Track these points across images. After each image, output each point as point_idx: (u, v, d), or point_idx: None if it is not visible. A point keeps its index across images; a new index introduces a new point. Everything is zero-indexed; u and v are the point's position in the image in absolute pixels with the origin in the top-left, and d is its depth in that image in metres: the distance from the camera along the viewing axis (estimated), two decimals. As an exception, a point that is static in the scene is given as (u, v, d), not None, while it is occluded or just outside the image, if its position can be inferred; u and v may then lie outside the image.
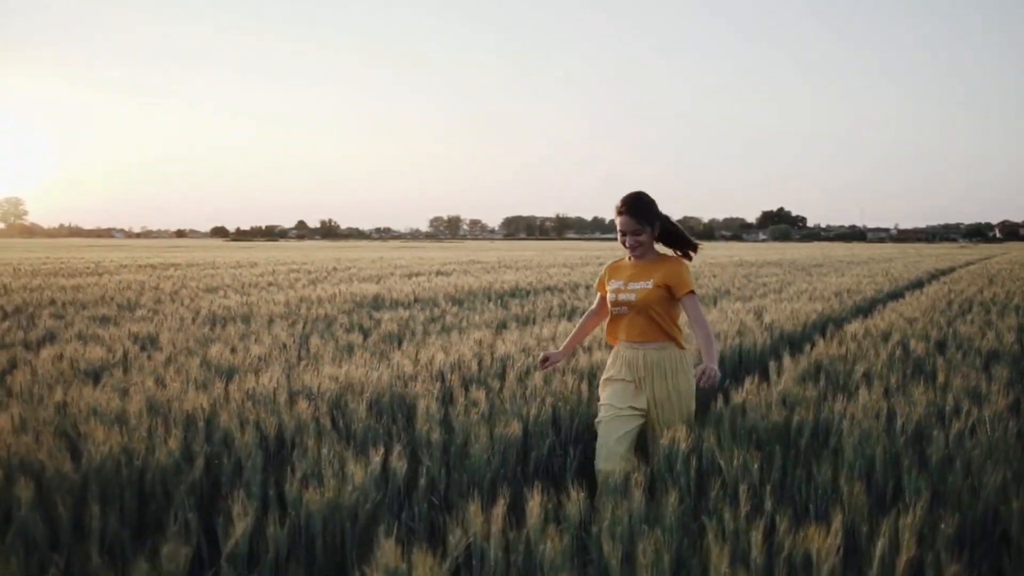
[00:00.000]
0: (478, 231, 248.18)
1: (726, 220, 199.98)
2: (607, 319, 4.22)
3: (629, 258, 4.15)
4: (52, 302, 11.12)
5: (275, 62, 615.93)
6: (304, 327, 8.47)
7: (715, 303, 11.58)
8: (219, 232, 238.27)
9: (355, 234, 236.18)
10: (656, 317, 3.97)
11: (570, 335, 4.49)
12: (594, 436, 4.15)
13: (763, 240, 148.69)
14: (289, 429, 4.13)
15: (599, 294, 4.39)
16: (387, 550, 2.45)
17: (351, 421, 4.29)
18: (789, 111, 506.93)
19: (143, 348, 7.19)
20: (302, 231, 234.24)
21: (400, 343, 7.52)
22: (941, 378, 5.50)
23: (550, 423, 4.52)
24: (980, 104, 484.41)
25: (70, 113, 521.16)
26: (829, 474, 3.53)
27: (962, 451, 3.85)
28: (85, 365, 6.18)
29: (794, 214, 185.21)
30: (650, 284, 3.97)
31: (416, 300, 11.15)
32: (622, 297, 4.03)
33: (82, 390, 4.96)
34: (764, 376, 5.84)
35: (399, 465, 3.53)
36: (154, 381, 5.23)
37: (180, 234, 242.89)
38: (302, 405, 4.32)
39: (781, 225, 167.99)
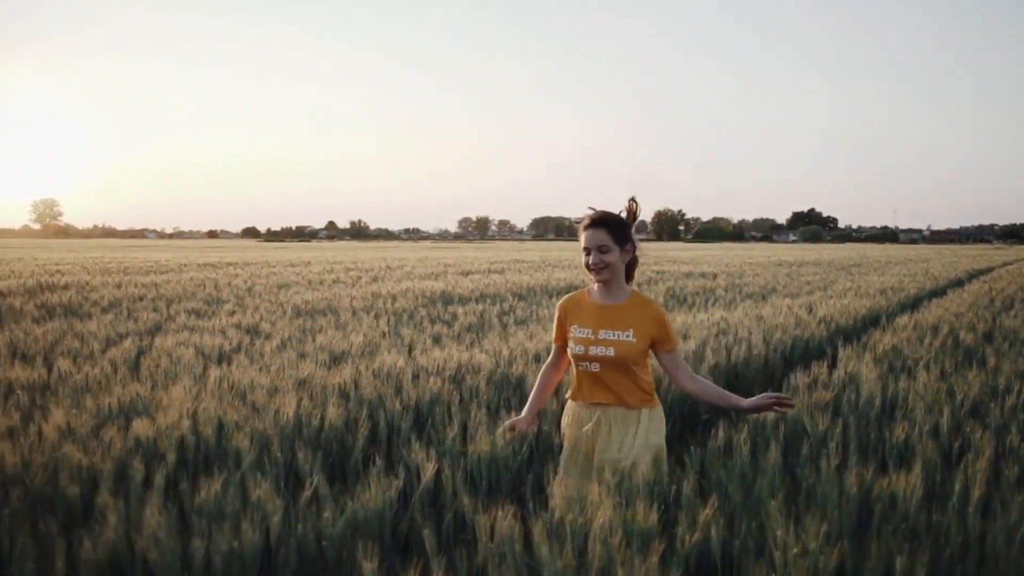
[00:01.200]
0: (506, 232, 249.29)
1: (756, 221, 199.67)
2: (565, 367, 3.57)
3: (589, 291, 3.42)
4: (140, 298, 11.88)
5: (305, 64, 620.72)
6: (389, 319, 9.14)
7: (764, 299, 12.14)
8: (250, 232, 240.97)
9: (384, 234, 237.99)
10: (632, 375, 3.26)
11: (530, 397, 3.63)
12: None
13: (793, 241, 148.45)
14: (424, 400, 4.77)
15: (555, 344, 3.53)
16: (558, 485, 3.07)
17: (476, 393, 4.92)
18: (819, 110, 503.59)
19: (252, 337, 7.87)
20: (332, 231, 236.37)
21: (481, 333, 8.17)
22: (992, 363, 6.06)
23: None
24: (1017, 103, 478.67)
25: (102, 115, 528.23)
26: (902, 436, 4.12)
27: (1016, 420, 4.43)
28: (208, 351, 6.87)
29: (825, 215, 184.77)
30: (631, 335, 3.22)
31: (483, 296, 11.82)
32: (594, 351, 3.25)
33: (226, 369, 5.65)
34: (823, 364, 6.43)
35: (529, 428, 4.17)
36: (285, 363, 5.91)
37: (212, 235, 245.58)
38: (431, 381, 4.97)
39: (812, 226, 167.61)
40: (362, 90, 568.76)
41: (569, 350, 3.35)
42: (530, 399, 3.62)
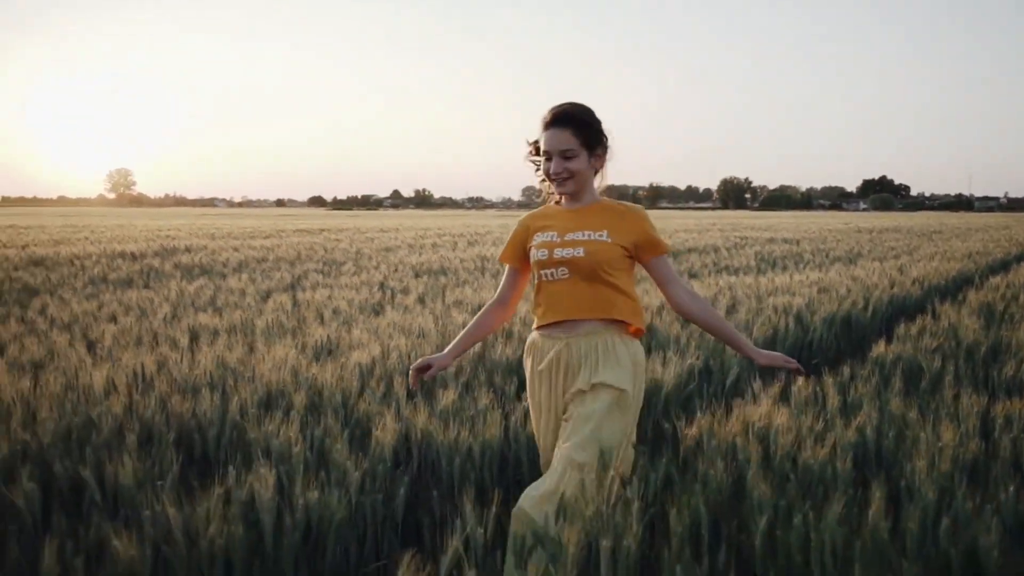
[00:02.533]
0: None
1: (824, 189, 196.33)
2: (514, 305, 2.96)
3: (557, 202, 2.81)
4: (261, 259, 12.81)
5: (371, 34, 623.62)
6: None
7: (853, 262, 12.59)
8: (316, 201, 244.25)
9: (448, 203, 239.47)
10: (609, 283, 2.65)
11: (459, 335, 2.97)
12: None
13: (864, 209, 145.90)
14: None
15: (507, 268, 2.93)
16: (699, 419, 3.75)
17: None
18: (892, 74, 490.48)
19: (389, 293, 8.66)
20: (396, 200, 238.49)
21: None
22: (1089, 315, 6.56)
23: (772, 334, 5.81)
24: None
25: (172, 86, 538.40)
26: (1011, 372, 4.70)
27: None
28: (358, 303, 7.66)
29: (896, 182, 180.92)
30: (604, 235, 2.64)
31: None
32: (559, 253, 2.64)
33: (389, 316, 6.43)
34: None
35: (696, 362, 4.85)
36: (437, 313, 6.66)
37: (280, 203, 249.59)
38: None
39: (883, 194, 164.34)
40: (427, 58, 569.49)
41: (531, 260, 2.73)
42: (459, 336, 2.94)
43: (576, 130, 2.63)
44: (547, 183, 2.75)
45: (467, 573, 1.92)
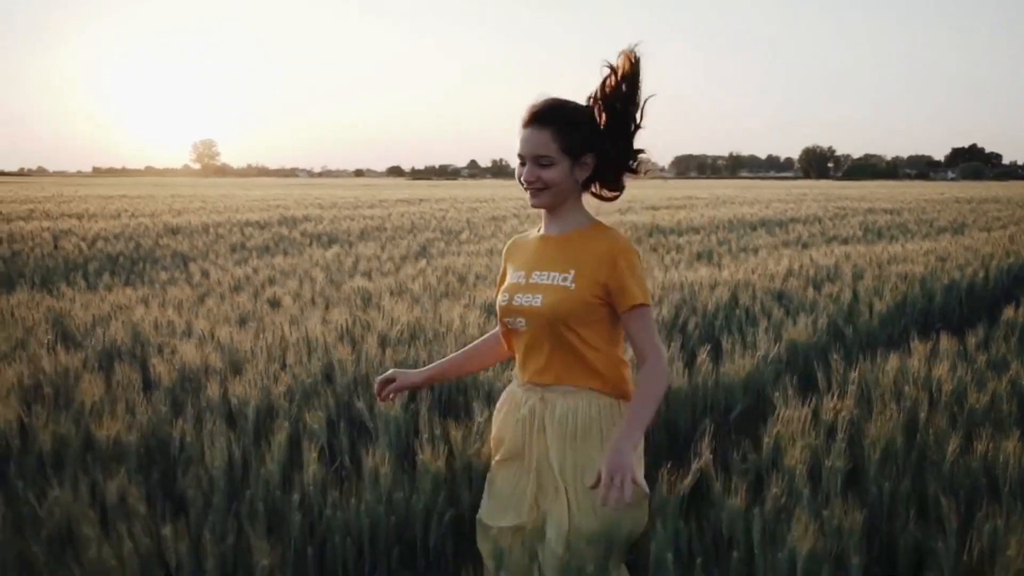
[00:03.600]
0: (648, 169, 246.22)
1: (911, 158, 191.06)
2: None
3: (540, 229, 2.31)
4: (378, 228, 13.51)
5: (448, 5, 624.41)
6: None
7: (960, 232, 12.74)
8: (395, 171, 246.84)
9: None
10: (577, 342, 2.15)
11: (448, 356, 2.60)
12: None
13: (952, 179, 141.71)
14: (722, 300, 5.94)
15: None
16: (859, 365, 4.19)
17: (763, 301, 6.07)
18: (985, 37, 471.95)
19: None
20: (474, 170, 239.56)
21: (711, 258, 9.28)
22: None
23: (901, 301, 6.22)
24: None
25: (252, 59, 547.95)
26: None
27: None
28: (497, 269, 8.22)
29: (987, 151, 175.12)
30: (569, 279, 2.13)
31: (694, 228, 12.93)
32: (519, 300, 2.19)
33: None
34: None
35: (823, 321, 5.29)
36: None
37: (358, 173, 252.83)
38: (719, 289, 6.14)
39: (973, 163, 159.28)
40: (501, 28, 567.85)
41: (497, 303, 2.26)
42: (446, 358, 2.56)
43: (557, 132, 2.10)
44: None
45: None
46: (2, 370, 3.61)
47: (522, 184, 2.16)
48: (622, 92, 2.15)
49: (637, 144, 2.18)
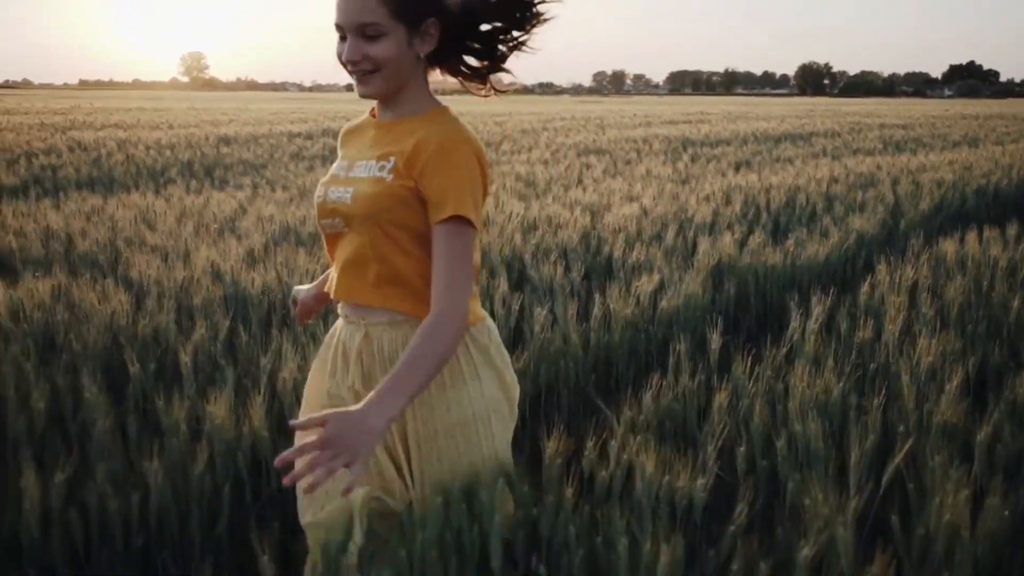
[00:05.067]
0: (642, 86, 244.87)
1: (908, 75, 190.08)
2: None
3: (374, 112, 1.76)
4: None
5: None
6: (666, 159, 11.12)
7: (975, 146, 13.49)
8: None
9: (519, 90, 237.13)
10: (399, 255, 1.65)
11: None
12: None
13: (948, 96, 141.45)
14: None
15: None
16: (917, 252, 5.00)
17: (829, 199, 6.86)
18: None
19: (581, 168, 9.95)
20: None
21: (749, 167, 10.04)
22: None
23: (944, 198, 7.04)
24: None
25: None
26: None
27: None
28: (557, 176, 8.97)
29: (985, 68, 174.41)
30: (387, 168, 1.63)
31: (722, 141, 13.66)
32: (333, 195, 1.70)
33: (607, 182, 7.75)
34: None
35: (876, 217, 6.10)
36: (642, 182, 7.96)
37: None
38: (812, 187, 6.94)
39: (970, 80, 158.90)
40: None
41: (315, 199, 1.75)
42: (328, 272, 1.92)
43: None
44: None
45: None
46: (231, 247, 4.37)
47: (345, 66, 1.59)
48: None
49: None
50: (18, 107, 28.52)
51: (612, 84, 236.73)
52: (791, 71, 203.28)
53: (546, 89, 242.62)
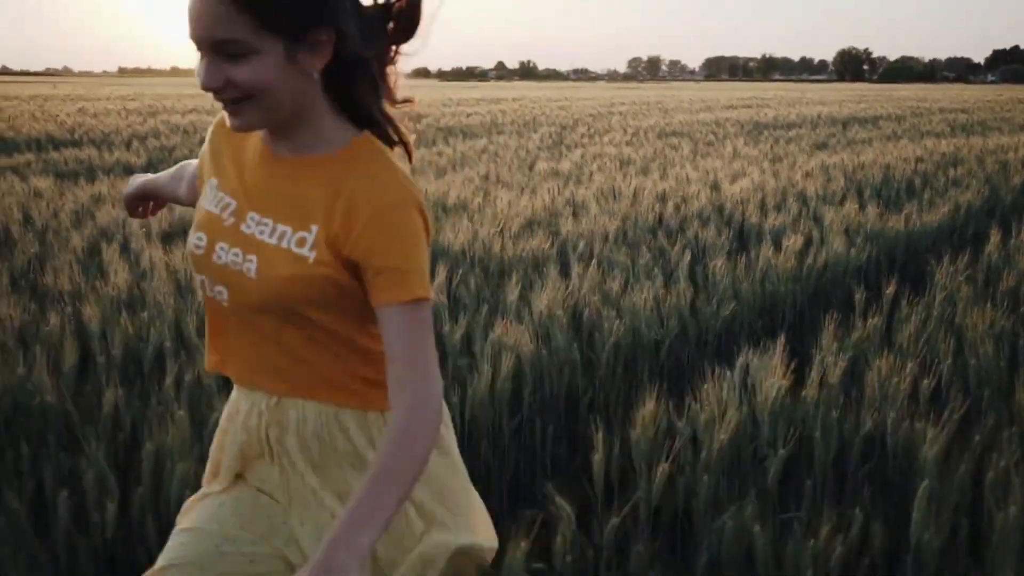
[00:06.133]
0: (677, 72, 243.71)
1: (949, 60, 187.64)
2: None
3: (262, 136, 1.29)
4: (496, 123, 14.70)
5: None
6: (729, 138, 11.57)
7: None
8: (420, 73, 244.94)
9: (553, 75, 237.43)
10: (309, 341, 1.27)
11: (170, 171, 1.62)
12: None
13: (992, 82, 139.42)
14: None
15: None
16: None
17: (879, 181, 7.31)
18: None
19: (669, 147, 10.43)
20: (501, 72, 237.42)
21: (818, 149, 10.47)
22: None
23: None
24: None
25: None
26: None
27: None
28: (644, 156, 9.46)
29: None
30: (308, 243, 1.20)
31: (790, 124, 14.07)
32: (222, 256, 1.25)
33: (695, 162, 8.23)
34: None
35: (981, 191, 6.54)
36: (729, 159, 8.44)
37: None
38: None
39: (1013, 65, 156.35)
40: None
41: (191, 250, 1.30)
42: (170, 172, 1.62)
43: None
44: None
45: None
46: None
47: (203, 87, 1.16)
48: None
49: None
50: (88, 94, 29.40)
51: (647, 70, 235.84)
52: (829, 56, 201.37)
53: (580, 75, 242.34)
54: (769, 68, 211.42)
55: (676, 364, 3.37)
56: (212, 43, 1.11)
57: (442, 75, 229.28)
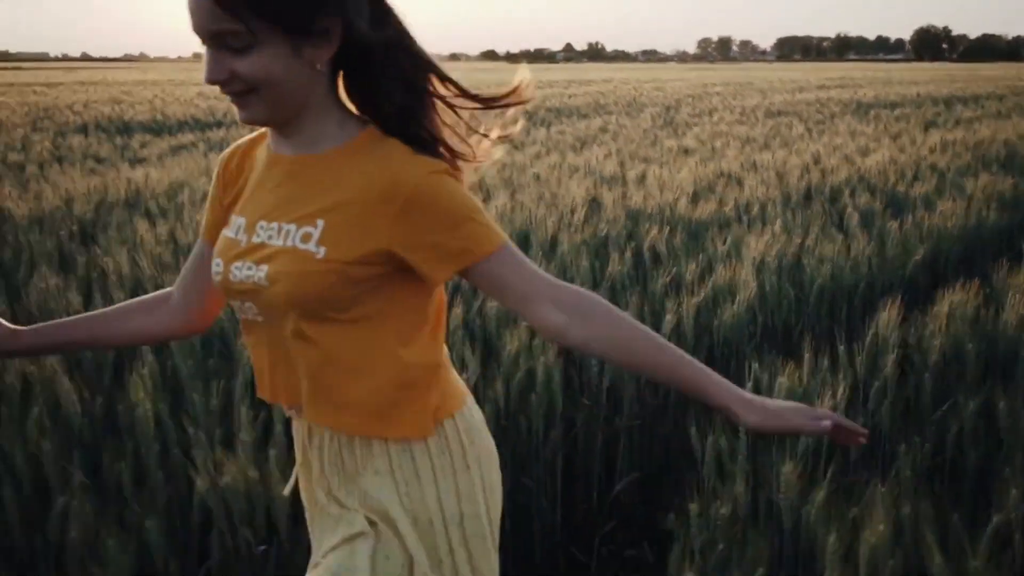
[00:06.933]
0: (748, 52, 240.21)
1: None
2: (195, 316, 1.41)
3: (268, 143, 1.27)
4: (602, 104, 15.23)
5: None
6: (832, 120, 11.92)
7: None
8: (489, 55, 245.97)
9: (621, 56, 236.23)
10: (342, 346, 1.21)
11: (88, 314, 1.43)
12: None
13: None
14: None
15: (201, 238, 1.38)
16: None
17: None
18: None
19: (781, 124, 10.85)
20: (569, 54, 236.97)
21: (928, 128, 10.77)
22: None
23: None
24: None
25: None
26: None
27: None
28: (763, 135, 9.89)
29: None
30: (314, 238, 1.16)
31: (892, 103, 14.35)
32: (238, 272, 1.21)
33: (812, 139, 8.67)
34: None
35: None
36: (847, 136, 8.84)
37: (454, 57, 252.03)
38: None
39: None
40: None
41: (213, 272, 1.28)
42: (86, 314, 1.43)
43: None
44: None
45: None
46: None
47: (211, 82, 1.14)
48: None
49: None
50: (188, 79, 30.60)
51: (718, 51, 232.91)
52: (906, 35, 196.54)
53: (649, 56, 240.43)
54: (843, 48, 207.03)
55: (869, 303, 3.87)
56: (210, 35, 1.10)
57: (510, 57, 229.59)
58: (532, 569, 2.56)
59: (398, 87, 1.16)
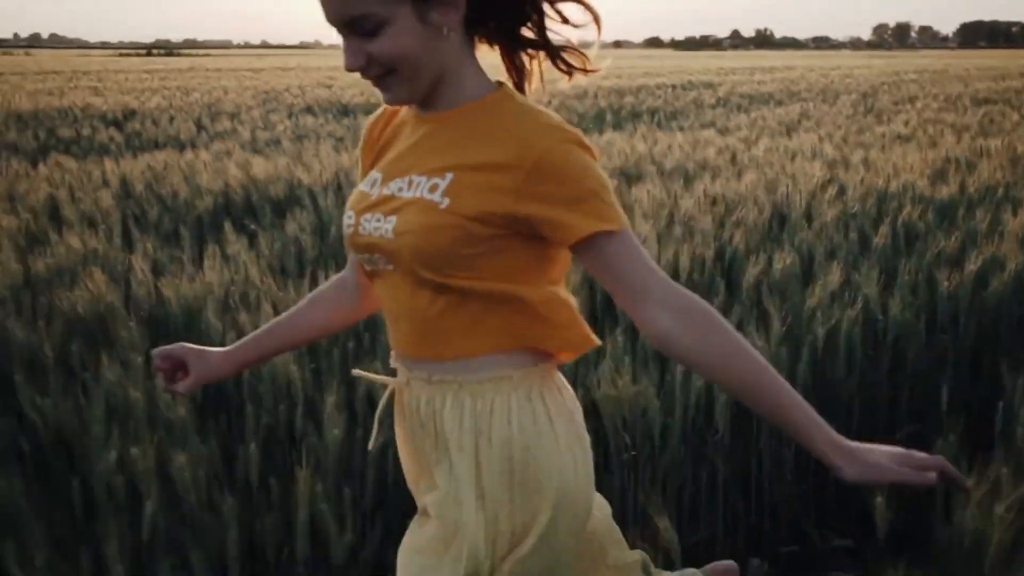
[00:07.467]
0: (928, 39, 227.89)
1: None
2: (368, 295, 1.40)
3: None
4: (793, 92, 15.15)
5: None
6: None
7: None
8: (653, 43, 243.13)
9: (790, 44, 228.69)
10: (472, 292, 1.20)
11: (270, 323, 1.51)
12: None
13: None
14: None
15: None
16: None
17: None
18: None
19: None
20: (736, 40, 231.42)
21: None
22: None
23: None
24: None
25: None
26: None
27: None
28: (975, 125, 9.71)
29: None
30: (440, 188, 1.17)
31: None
32: (368, 225, 1.24)
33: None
34: None
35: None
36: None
37: (617, 45, 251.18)
38: None
39: None
40: None
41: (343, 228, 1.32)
42: (260, 329, 1.51)
43: None
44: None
45: None
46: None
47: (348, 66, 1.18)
48: None
49: None
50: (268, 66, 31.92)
51: (894, 37, 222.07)
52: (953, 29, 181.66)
53: (820, 43, 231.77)
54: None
55: None
56: (344, 22, 1.13)
57: (675, 44, 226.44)
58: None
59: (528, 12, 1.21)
